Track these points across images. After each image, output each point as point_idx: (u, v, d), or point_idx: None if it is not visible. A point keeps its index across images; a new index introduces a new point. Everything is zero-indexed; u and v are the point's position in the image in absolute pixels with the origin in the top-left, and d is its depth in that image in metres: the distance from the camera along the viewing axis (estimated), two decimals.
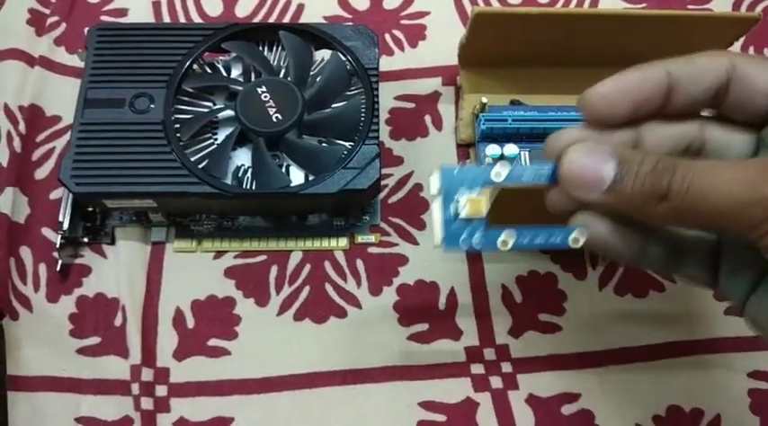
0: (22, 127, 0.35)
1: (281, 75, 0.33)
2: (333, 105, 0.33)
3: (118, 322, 0.32)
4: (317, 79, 0.33)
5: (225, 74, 0.34)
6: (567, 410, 0.31)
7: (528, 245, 0.22)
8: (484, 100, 0.35)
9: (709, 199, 0.19)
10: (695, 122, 0.22)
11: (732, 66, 0.21)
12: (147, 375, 0.31)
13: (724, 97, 0.21)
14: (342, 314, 0.33)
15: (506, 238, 0.22)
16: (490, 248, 0.22)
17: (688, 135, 0.22)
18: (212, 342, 0.32)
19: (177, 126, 0.31)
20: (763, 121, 0.21)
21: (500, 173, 0.22)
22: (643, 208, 0.20)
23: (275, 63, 0.34)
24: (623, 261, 0.24)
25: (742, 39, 0.38)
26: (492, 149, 0.34)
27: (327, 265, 0.34)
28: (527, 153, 0.35)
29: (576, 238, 0.22)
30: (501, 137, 0.35)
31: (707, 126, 0.22)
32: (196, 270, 0.34)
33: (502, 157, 0.34)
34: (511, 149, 0.34)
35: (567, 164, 0.21)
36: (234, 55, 0.34)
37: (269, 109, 0.31)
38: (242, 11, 0.40)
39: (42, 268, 0.33)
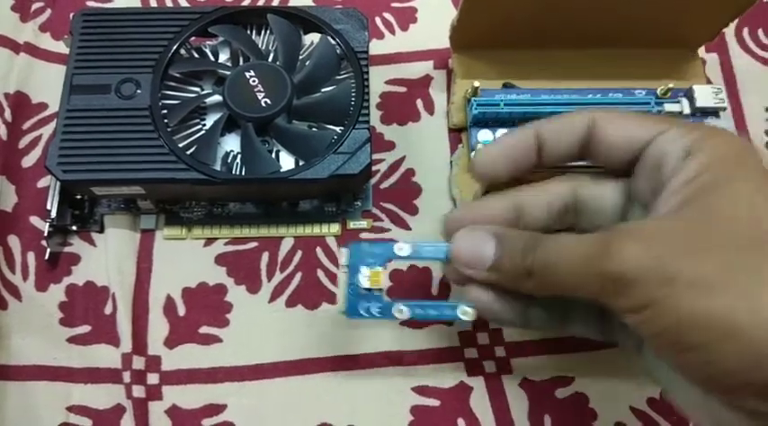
0: (8, 114, 0.35)
1: (270, 60, 0.33)
2: (322, 89, 0.32)
3: (108, 310, 0.32)
4: (307, 63, 0.33)
5: (212, 58, 0.34)
6: (560, 393, 0.31)
7: (422, 317, 0.25)
8: (476, 84, 0.34)
9: (558, 276, 0.21)
10: (568, 183, 0.25)
11: (592, 122, 0.23)
12: (138, 363, 0.31)
13: (589, 150, 0.24)
14: (334, 300, 0.33)
15: (402, 308, 0.25)
16: (388, 317, 0.25)
17: (562, 196, 0.25)
18: (204, 330, 0.32)
19: (164, 111, 0.31)
20: (627, 171, 0.23)
21: (402, 248, 0.25)
22: (518, 283, 0.23)
23: (263, 47, 0.33)
24: (511, 326, 0.29)
25: (737, 21, 0.38)
26: (484, 135, 0.34)
27: (319, 251, 0.34)
28: None
29: (465, 311, 0.25)
30: (493, 122, 0.35)
31: (580, 184, 0.24)
32: (186, 258, 0.33)
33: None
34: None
35: (454, 247, 0.24)
36: (221, 39, 0.34)
37: (257, 93, 0.31)
38: None
39: (31, 256, 0.33)
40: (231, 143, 0.32)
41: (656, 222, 0.21)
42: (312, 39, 0.34)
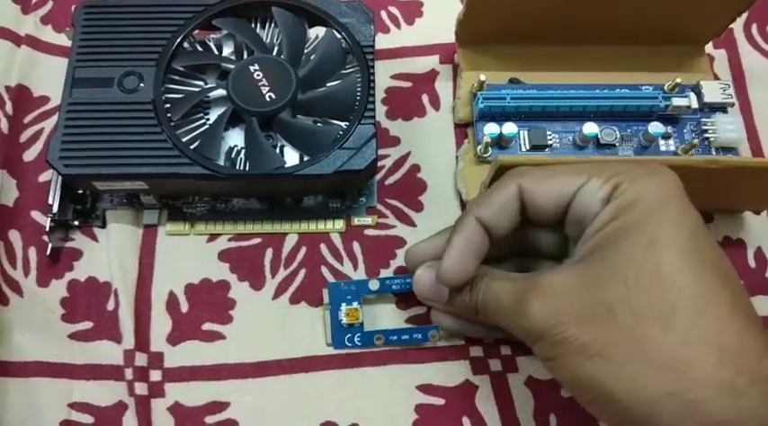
0: (8, 108, 0.35)
1: (275, 53, 0.32)
2: (327, 84, 0.32)
3: (110, 306, 0.32)
4: (312, 57, 0.32)
5: (216, 52, 0.33)
6: (567, 392, 0.31)
7: (397, 342, 0.30)
8: (482, 78, 0.34)
9: (495, 318, 0.25)
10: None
11: (521, 189, 0.25)
12: (140, 360, 0.31)
13: (527, 217, 0.25)
14: None
15: (379, 336, 0.30)
16: (369, 345, 0.30)
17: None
18: (207, 326, 0.32)
19: (167, 105, 0.30)
20: (560, 221, 0.25)
21: (375, 283, 0.30)
22: (471, 316, 0.27)
23: (268, 40, 0.33)
24: (484, 339, 0.31)
25: (745, 17, 0.37)
26: (490, 128, 0.34)
27: (323, 248, 0.33)
28: (526, 132, 0.34)
29: (434, 334, 0.30)
30: (500, 116, 0.34)
31: (527, 229, 0.27)
32: (189, 254, 0.33)
33: (500, 136, 0.34)
34: (509, 128, 0.33)
35: (415, 286, 0.29)
36: (225, 32, 0.33)
37: (262, 88, 0.30)
38: None
39: (32, 252, 0.33)
40: (235, 138, 0.31)
41: (558, 276, 0.23)
42: (317, 32, 0.33)
